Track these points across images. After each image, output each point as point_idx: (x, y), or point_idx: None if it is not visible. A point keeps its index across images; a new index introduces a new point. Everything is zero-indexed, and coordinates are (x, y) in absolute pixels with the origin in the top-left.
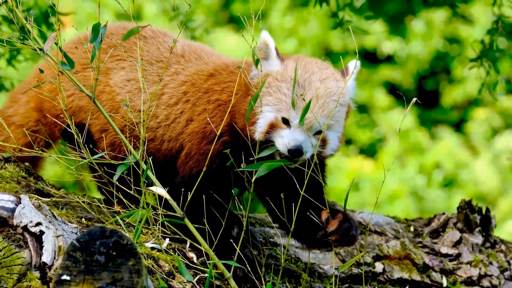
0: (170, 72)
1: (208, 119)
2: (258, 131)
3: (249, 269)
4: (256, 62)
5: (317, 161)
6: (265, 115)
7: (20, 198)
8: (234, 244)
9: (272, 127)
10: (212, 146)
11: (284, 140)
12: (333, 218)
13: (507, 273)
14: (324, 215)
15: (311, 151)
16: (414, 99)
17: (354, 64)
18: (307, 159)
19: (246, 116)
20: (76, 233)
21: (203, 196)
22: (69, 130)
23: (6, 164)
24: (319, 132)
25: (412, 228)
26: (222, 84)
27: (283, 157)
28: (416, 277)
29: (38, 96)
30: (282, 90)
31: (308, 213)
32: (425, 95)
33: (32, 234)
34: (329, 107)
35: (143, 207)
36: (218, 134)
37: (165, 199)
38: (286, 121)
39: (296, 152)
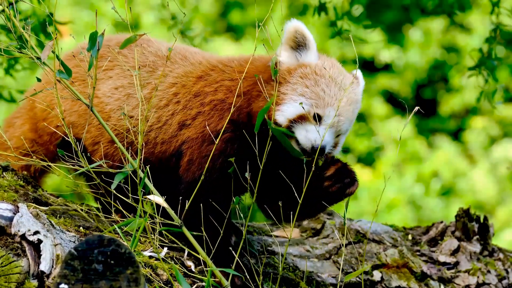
0: (157, 75)
1: (206, 121)
2: (284, 116)
3: (247, 277)
4: (272, 69)
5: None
6: (297, 105)
7: (18, 207)
8: (232, 252)
9: (301, 118)
10: (215, 146)
11: (310, 135)
12: (332, 165)
13: (505, 282)
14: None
15: (328, 150)
16: (417, 108)
17: (359, 73)
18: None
19: (266, 107)
20: (74, 242)
21: (205, 202)
22: (66, 139)
23: (4, 173)
24: (338, 135)
25: (410, 237)
26: (214, 84)
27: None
28: (414, 285)
29: (32, 117)
30: (321, 86)
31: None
32: (422, 104)
33: (30, 242)
34: (354, 113)
35: (140, 216)
36: (221, 130)
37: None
38: (318, 117)
39: (321, 150)
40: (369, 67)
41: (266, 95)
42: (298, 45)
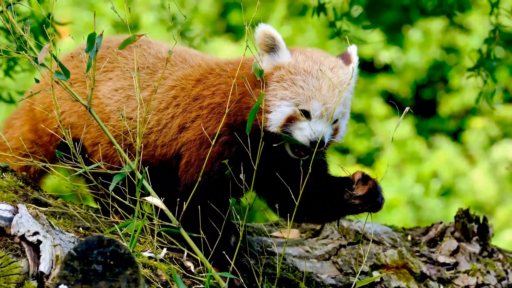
0: (157, 77)
1: (204, 124)
2: (274, 125)
3: (246, 278)
4: (257, 73)
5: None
6: (281, 109)
7: (17, 208)
8: (232, 253)
9: (290, 120)
10: (210, 149)
11: (305, 132)
12: (363, 183)
13: (504, 282)
14: (358, 175)
15: (327, 140)
16: (407, 109)
17: (353, 50)
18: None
19: (254, 108)
20: (73, 243)
21: (204, 203)
22: (64, 141)
23: (3, 174)
24: (334, 122)
25: (409, 237)
26: (212, 88)
27: (300, 147)
28: (414, 286)
29: (32, 118)
30: (298, 83)
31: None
32: (422, 104)
33: (30, 243)
34: (343, 95)
35: (138, 217)
36: (217, 134)
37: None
38: (306, 113)
39: (321, 142)
40: (368, 67)
41: (251, 103)
42: (271, 48)
